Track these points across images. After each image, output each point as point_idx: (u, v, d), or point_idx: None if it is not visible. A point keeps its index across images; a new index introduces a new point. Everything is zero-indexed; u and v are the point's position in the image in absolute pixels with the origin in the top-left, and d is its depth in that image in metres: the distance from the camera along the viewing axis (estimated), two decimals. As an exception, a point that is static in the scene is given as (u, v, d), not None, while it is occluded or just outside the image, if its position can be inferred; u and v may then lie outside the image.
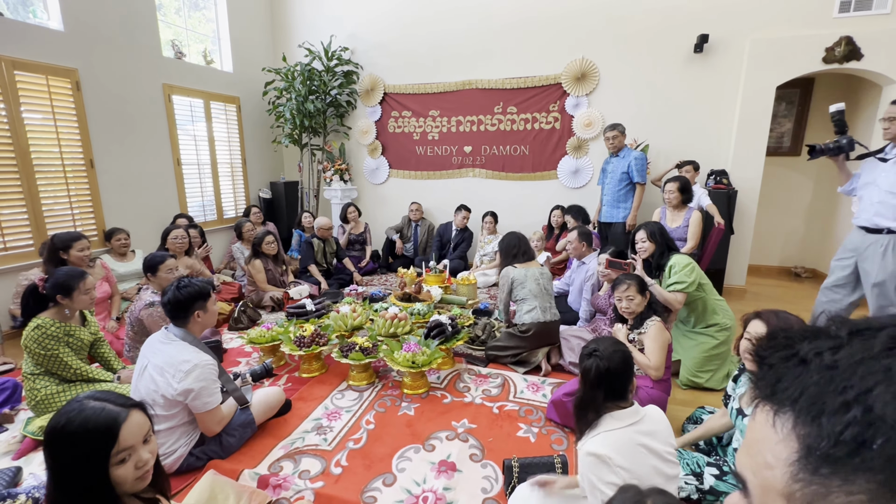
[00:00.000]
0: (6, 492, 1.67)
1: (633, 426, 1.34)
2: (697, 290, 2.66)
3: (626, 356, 1.43)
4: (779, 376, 0.35)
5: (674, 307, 2.61)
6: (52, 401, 2.18)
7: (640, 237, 2.81)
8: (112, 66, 3.97)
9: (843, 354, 0.33)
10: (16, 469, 1.91)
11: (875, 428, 0.29)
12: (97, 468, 0.97)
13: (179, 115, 4.68)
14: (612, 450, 1.27)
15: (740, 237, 4.41)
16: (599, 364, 1.39)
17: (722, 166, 4.44)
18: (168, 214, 4.52)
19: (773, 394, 0.35)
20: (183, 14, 4.92)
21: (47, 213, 3.57)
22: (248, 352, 3.17)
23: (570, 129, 5.00)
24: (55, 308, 2.23)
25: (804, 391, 0.33)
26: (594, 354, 1.42)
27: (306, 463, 1.99)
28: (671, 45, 4.47)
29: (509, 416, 2.35)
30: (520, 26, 4.94)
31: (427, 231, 5.37)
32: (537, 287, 2.87)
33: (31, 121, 3.45)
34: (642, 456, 1.30)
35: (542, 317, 2.80)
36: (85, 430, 0.97)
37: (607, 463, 1.25)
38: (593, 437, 1.34)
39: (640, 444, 1.31)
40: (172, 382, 1.82)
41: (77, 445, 0.96)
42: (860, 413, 0.30)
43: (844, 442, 0.30)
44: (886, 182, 2.50)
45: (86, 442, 0.97)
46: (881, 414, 0.29)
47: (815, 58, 3.99)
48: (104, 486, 0.99)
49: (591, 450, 1.29)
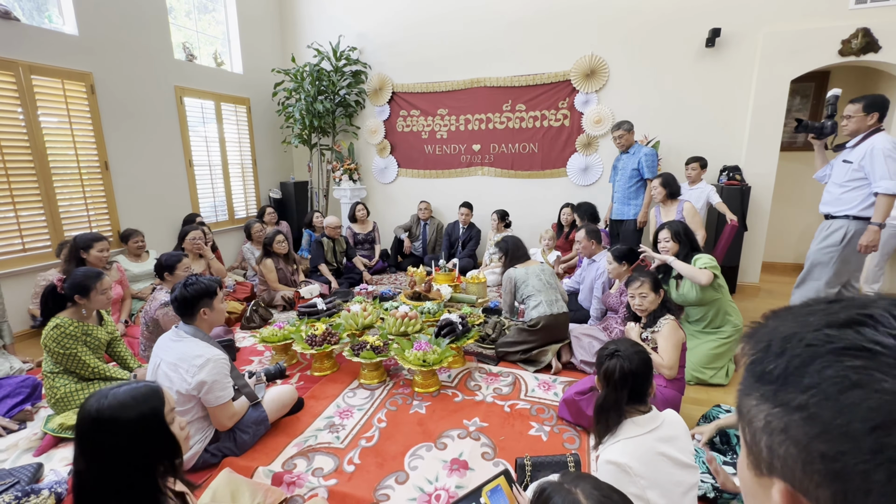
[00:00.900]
0: (29, 487, 1.71)
1: (653, 433, 1.32)
2: (715, 291, 2.63)
3: (647, 359, 1.41)
4: (759, 328, 0.43)
5: (700, 282, 2.54)
6: (72, 398, 2.22)
7: (664, 236, 2.76)
8: (125, 69, 4.03)
9: (796, 314, 0.40)
10: (37, 465, 1.95)
11: (766, 353, 0.39)
12: (160, 425, 1.04)
13: (191, 116, 4.73)
14: (632, 458, 1.25)
15: (754, 234, 4.34)
16: (623, 365, 1.36)
17: (735, 162, 4.38)
18: (180, 215, 4.58)
19: (749, 336, 0.43)
20: (193, 17, 4.97)
21: (64, 215, 3.63)
22: (261, 350, 3.20)
23: (580, 127, 4.97)
24: (73, 308, 2.27)
25: (756, 334, 0.42)
26: (616, 355, 1.39)
27: (319, 461, 2.00)
28: (682, 40, 4.42)
29: (521, 415, 2.35)
30: (528, 23, 4.91)
31: (436, 230, 5.38)
32: (539, 282, 2.93)
33: (48, 124, 3.51)
34: (662, 464, 1.28)
35: (550, 309, 2.82)
36: (133, 400, 1.02)
37: (628, 472, 1.23)
38: (613, 444, 1.31)
39: (660, 453, 1.29)
40: (186, 377, 1.85)
41: (130, 417, 1.00)
42: (764, 344, 0.40)
43: (754, 362, 0.40)
44: (835, 174, 2.80)
45: (139, 408, 1.02)
46: (774, 347, 0.39)
47: (830, 50, 3.91)
48: (169, 439, 1.05)
49: (611, 458, 1.26)
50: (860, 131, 2.66)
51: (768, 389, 0.38)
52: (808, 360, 0.35)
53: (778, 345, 0.38)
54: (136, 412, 1.01)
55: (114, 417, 0.99)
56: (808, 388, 0.35)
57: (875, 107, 2.61)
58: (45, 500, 1.68)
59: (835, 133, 2.83)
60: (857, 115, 2.64)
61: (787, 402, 0.36)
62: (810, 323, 0.38)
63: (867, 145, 2.61)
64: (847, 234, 2.73)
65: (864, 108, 2.61)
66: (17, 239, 3.35)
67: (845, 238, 2.73)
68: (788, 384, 0.36)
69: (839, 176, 2.76)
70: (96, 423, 0.99)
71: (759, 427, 0.38)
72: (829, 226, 2.83)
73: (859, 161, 2.63)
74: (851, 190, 2.70)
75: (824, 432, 0.33)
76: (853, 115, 2.65)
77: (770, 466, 0.38)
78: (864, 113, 2.62)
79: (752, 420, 0.39)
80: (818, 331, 0.36)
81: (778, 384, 0.37)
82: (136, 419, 1.01)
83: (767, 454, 0.38)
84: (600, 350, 1.47)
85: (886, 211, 2.58)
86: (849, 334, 0.35)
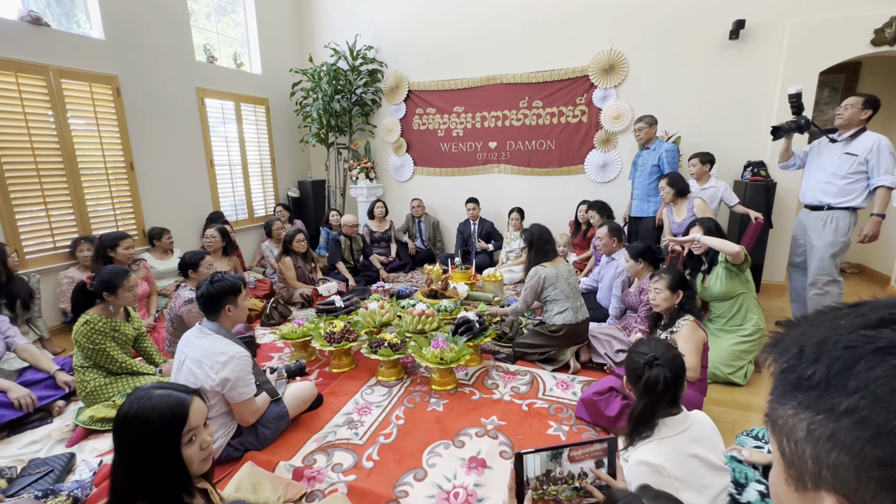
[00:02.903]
0: (49, 488, 1.74)
1: (684, 433, 1.29)
2: (742, 285, 2.59)
3: (681, 361, 1.36)
4: (783, 336, 0.42)
5: (732, 252, 2.49)
6: (101, 392, 2.30)
7: (696, 233, 2.72)
8: (149, 71, 4.13)
9: (826, 317, 0.40)
10: (69, 455, 2.02)
11: (800, 360, 0.38)
12: (170, 446, 1.05)
13: (212, 117, 4.83)
14: (665, 459, 1.22)
15: (779, 231, 4.21)
16: (666, 374, 1.29)
17: (760, 157, 4.25)
18: (202, 214, 4.68)
19: (773, 346, 0.42)
20: (213, 19, 5.06)
21: (92, 214, 3.75)
22: (280, 347, 3.25)
23: (598, 123, 4.89)
24: (101, 304, 2.35)
25: (782, 342, 0.41)
26: (657, 364, 1.31)
27: (339, 456, 2.03)
28: (704, 33, 4.31)
29: (539, 414, 2.33)
30: (545, 19, 4.86)
31: (431, 226, 5.48)
32: (569, 287, 2.80)
33: (76, 126, 3.62)
34: (694, 466, 1.25)
35: (575, 318, 2.76)
36: (158, 413, 1.05)
37: (661, 473, 1.20)
38: (644, 445, 1.28)
39: (692, 454, 1.26)
40: (210, 374, 1.89)
41: (150, 427, 1.04)
42: (796, 351, 0.39)
43: (786, 370, 0.39)
44: (832, 165, 2.88)
45: (160, 422, 1.04)
46: (807, 352, 0.38)
47: (862, 40, 3.76)
48: (177, 464, 1.06)
49: (644, 459, 1.24)
50: (853, 124, 2.79)
51: (809, 396, 0.36)
52: (850, 362, 0.34)
53: (812, 350, 0.37)
54: (155, 431, 1.04)
55: (141, 419, 1.04)
56: (855, 390, 0.33)
57: (871, 105, 2.75)
58: (63, 502, 1.68)
59: (809, 127, 2.95)
60: (856, 106, 2.75)
61: (833, 407, 0.34)
62: (842, 326, 0.37)
63: (871, 140, 2.73)
64: (851, 224, 2.87)
65: (864, 104, 2.74)
66: (48, 238, 3.47)
67: (850, 228, 2.87)
68: (832, 388, 0.35)
69: (841, 168, 2.83)
70: (123, 421, 1.04)
71: (801, 437, 0.37)
72: (831, 216, 2.90)
73: (865, 154, 2.74)
74: (854, 182, 2.81)
75: (878, 435, 0.31)
76: (853, 106, 2.76)
77: (817, 479, 0.36)
78: (861, 107, 2.74)
79: (792, 431, 0.37)
80: (853, 332, 0.35)
81: (820, 390, 0.36)
82: (153, 434, 1.04)
83: (814, 465, 0.36)
84: (633, 355, 1.39)
85: (887, 203, 2.76)
86: (886, 333, 0.34)
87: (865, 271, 4.89)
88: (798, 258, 3.24)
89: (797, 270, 3.29)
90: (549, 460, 1.07)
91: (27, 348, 2.52)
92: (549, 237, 2.88)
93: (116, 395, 2.31)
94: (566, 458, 1.07)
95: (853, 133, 2.80)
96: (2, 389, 2.24)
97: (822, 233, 2.93)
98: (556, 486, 1.08)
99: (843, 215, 2.86)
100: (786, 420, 0.38)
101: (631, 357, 1.42)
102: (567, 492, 1.08)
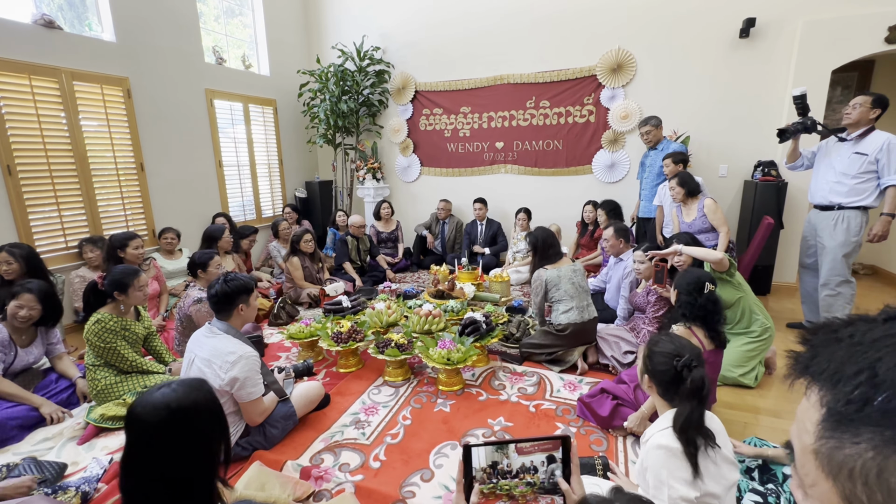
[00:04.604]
0: (57, 486, 1.76)
1: None
2: (736, 289, 2.54)
3: (700, 351, 1.35)
4: (815, 354, 0.39)
5: (714, 259, 2.43)
6: (112, 390, 2.33)
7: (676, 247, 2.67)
8: (159, 73, 4.18)
9: (869, 334, 0.37)
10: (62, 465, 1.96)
11: (876, 387, 0.33)
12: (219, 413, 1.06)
13: (221, 118, 4.87)
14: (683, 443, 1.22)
15: (790, 231, 4.16)
16: (703, 374, 1.25)
17: (770, 157, 4.20)
18: (211, 214, 4.72)
19: (807, 368, 0.39)
20: (222, 21, 5.10)
21: (103, 215, 3.80)
22: (288, 346, 3.27)
23: (606, 122, 4.86)
24: (112, 304, 2.38)
25: (830, 363, 0.37)
26: (694, 367, 1.25)
27: (346, 456, 2.03)
28: (714, 31, 4.26)
29: (546, 415, 2.32)
30: (552, 19, 4.84)
31: (455, 228, 5.41)
32: (573, 287, 2.79)
33: (88, 128, 3.67)
34: (710, 453, 1.24)
35: (580, 317, 2.74)
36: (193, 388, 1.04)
37: (679, 457, 1.20)
38: (661, 430, 1.26)
39: None
40: (220, 373, 1.90)
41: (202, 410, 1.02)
42: (865, 377, 0.34)
43: (853, 401, 0.35)
44: (841, 165, 2.87)
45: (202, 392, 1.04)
46: (883, 377, 0.34)
47: (876, 38, 3.70)
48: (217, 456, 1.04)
49: (662, 443, 1.23)
50: (862, 123, 2.79)
51: (880, 431, 0.32)
52: None
53: (865, 377, 0.34)
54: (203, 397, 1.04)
55: (186, 406, 1.00)
56: None
57: (880, 104, 2.74)
58: (72, 498, 1.70)
59: (816, 128, 2.93)
60: (864, 106, 2.75)
61: None
62: (888, 344, 0.34)
63: (881, 139, 2.73)
64: (863, 224, 2.86)
65: (873, 103, 2.74)
66: (60, 237, 3.52)
67: (862, 228, 2.87)
68: None
69: (851, 167, 2.83)
70: (176, 414, 0.98)
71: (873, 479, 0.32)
72: (842, 216, 2.90)
73: (875, 154, 2.74)
74: (865, 181, 2.81)
75: None
76: (861, 105, 2.76)
77: None
78: (870, 106, 2.74)
79: (879, 475, 0.32)
80: None
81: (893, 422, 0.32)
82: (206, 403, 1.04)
83: None
84: (658, 356, 1.33)
85: None
86: None
87: (878, 272, 4.81)
88: (808, 259, 3.22)
89: (808, 271, 3.25)
90: (495, 451, 1.06)
91: (62, 356, 2.64)
92: (552, 241, 2.90)
93: (127, 394, 2.34)
94: (513, 450, 1.06)
95: (862, 132, 2.80)
96: (35, 405, 2.32)
97: (834, 233, 2.93)
98: (507, 481, 1.06)
99: (855, 215, 2.86)
100: (864, 463, 0.33)
101: (655, 359, 1.35)
102: (521, 487, 1.06)
